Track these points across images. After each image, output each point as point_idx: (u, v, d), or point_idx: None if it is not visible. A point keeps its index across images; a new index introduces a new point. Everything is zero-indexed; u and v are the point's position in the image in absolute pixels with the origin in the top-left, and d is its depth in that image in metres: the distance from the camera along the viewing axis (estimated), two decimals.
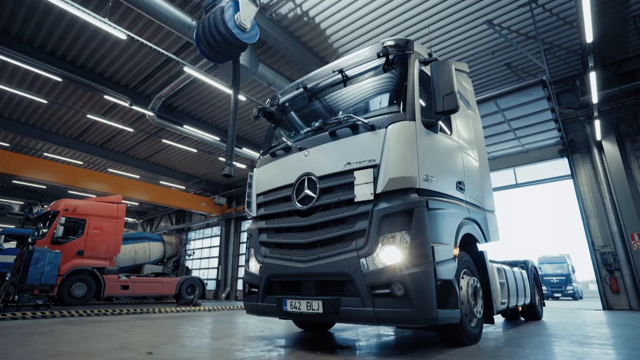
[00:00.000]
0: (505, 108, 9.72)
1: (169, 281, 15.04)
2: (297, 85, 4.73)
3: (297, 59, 10.54)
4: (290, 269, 3.82)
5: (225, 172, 7.47)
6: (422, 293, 3.09)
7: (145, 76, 12.32)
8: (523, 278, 6.50)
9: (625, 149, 11.02)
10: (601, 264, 10.96)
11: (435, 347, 3.74)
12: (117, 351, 3.42)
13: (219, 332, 5.05)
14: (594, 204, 11.39)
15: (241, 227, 23.15)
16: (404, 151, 3.46)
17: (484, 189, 4.86)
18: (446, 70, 3.60)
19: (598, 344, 3.94)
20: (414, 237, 3.22)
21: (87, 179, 17.65)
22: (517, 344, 4.04)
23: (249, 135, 16.76)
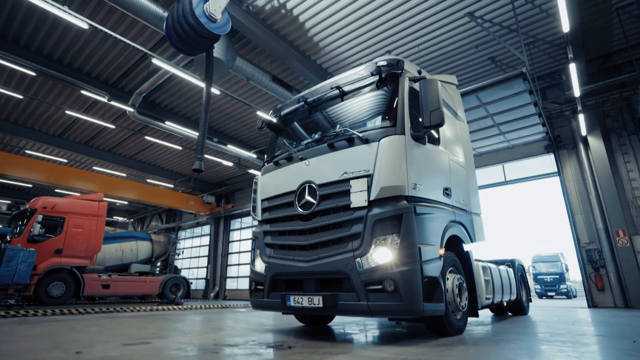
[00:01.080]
0: (487, 102, 9.53)
1: (152, 280, 14.82)
2: (298, 99, 5.14)
3: (277, 53, 10.33)
4: (293, 268, 4.23)
5: (195, 167, 7.22)
6: (410, 288, 3.50)
7: (124, 71, 12.10)
8: (509, 276, 6.90)
9: (612, 145, 10.86)
10: (587, 261, 10.80)
11: (423, 337, 4.14)
12: (46, 351, 3.21)
13: (174, 331, 4.84)
14: (580, 201, 11.23)
15: (230, 226, 22.93)
16: (394, 162, 3.87)
17: (470, 193, 5.28)
18: (433, 88, 4.02)
19: (560, 341, 3.76)
20: (403, 239, 3.64)
21: (74, 177, 17.39)
22: (497, 335, 4.52)
23: (234, 132, 16.53)
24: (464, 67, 11.44)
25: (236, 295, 20.86)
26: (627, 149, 10.62)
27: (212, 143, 15.07)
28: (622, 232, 10.11)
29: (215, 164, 19.54)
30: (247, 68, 10.04)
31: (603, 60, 10.99)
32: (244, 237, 21.98)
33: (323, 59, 11.24)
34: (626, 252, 9.95)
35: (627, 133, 10.74)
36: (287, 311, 4.46)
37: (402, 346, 3.62)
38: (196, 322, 6.23)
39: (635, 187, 10.31)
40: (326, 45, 10.63)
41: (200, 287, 23.56)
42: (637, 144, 10.55)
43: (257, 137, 16.85)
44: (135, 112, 12.58)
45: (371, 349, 3.48)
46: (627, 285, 9.79)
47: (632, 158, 10.50)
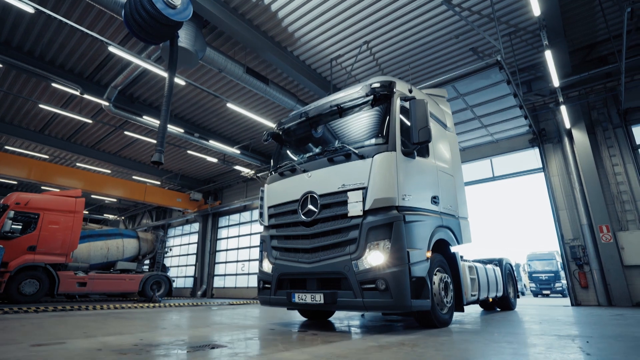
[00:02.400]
0: (466, 93, 9.21)
1: (132, 278, 14.56)
2: (300, 114, 5.60)
3: (250, 44, 10.01)
4: (297, 269, 4.72)
5: (155, 159, 6.97)
6: (399, 287, 3.97)
7: (98, 64, 11.81)
8: (495, 274, 7.40)
9: (597, 138, 10.54)
10: (570, 258, 10.50)
11: (412, 329, 4.62)
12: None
13: (112, 330, 4.56)
14: (565, 196, 10.92)
15: (218, 223, 22.67)
16: (386, 177, 4.33)
17: (458, 200, 5.75)
18: (421, 108, 4.48)
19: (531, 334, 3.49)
20: (393, 244, 4.11)
21: (59, 174, 17.16)
22: (480, 327, 4.94)
23: (216, 127, 16.23)
24: (445, 59, 11.13)
25: (223, 294, 20.62)
26: (613, 142, 10.29)
27: (193, 138, 14.79)
28: (606, 228, 9.80)
29: (199, 160, 19.27)
30: (218, 59, 9.73)
31: (587, 51, 10.65)
32: (231, 235, 21.72)
33: (300, 50, 10.93)
34: (609, 249, 9.64)
35: (613, 126, 10.41)
36: (292, 307, 4.95)
37: (392, 335, 4.10)
38: (151, 320, 5.95)
39: (620, 182, 9.99)
40: (302, 36, 10.32)
41: (189, 285, 23.33)
42: (623, 137, 10.23)
43: (240, 132, 16.56)
44: (111, 106, 12.30)
45: (365, 338, 3.97)
46: (610, 283, 9.49)
47: (617, 152, 10.18)
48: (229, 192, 22.34)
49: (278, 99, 11.36)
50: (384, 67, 11.59)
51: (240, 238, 21.01)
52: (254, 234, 20.18)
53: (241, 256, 20.53)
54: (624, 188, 9.91)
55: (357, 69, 11.71)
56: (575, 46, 10.59)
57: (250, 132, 16.45)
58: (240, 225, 21.27)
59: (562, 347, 3.15)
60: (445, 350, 3.07)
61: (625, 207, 9.79)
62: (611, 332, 4.11)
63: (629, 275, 9.41)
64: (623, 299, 9.20)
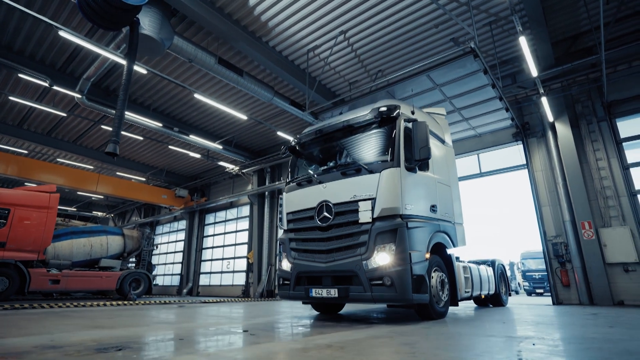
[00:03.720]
0: (443, 84, 8.86)
1: (109, 275, 14.25)
2: (315, 131, 6.29)
3: (223, 34, 9.66)
4: (314, 268, 5.40)
5: (108, 150, 6.66)
6: (402, 283, 4.65)
7: (68, 55, 11.46)
8: (488, 274, 8.14)
9: (581, 132, 10.20)
10: (553, 255, 10.17)
11: (413, 320, 5.35)
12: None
13: (27, 331, 4.24)
14: (548, 191, 10.59)
15: (205, 221, 22.34)
16: (392, 190, 5.01)
17: (454, 207, 6.49)
18: (422, 129, 5.24)
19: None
20: (397, 247, 4.78)
21: (41, 170, 16.83)
22: (470, 319, 5.68)
23: (197, 122, 15.87)
24: (426, 49, 10.77)
25: (209, 292, 20.30)
26: (597, 136, 9.96)
27: (173, 133, 14.44)
28: (588, 224, 9.47)
29: (183, 156, 18.93)
30: (188, 49, 9.37)
31: (571, 43, 10.30)
32: (217, 232, 21.40)
33: (275, 41, 10.58)
34: (591, 246, 9.32)
35: (597, 119, 10.07)
36: (309, 301, 5.95)
37: (395, 325, 4.75)
38: (92, 319, 5.62)
39: (603, 177, 9.66)
40: (276, 26, 9.97)
41: (176, 283, 23.02)
42: (607, 130, 9.89)
43: (223, 126, 16.21)
44: (84, 99, 11.94)
45: (371, 327, 4.63)
46: (592, 281, 9.18)
47: (601, 146, 9.85)
48: (216, 189, 22.01)
49: (254, 91, 11.01)
50: (363, 58, 11.24)
51: (226, 235, 20.69)
52: (239, 231, 19.86)
53: (227, 254, 20.22)
54: (607, 183, 9.58)
55: (336, 60, 11.37)
56: (558, 37, 10.24)
57: (233, 126, 16.10)
58: (226, 223, 20.95)
59: (501, 350, 2.82)
60: (431, 335, 3.77)
61: (609, 203, 9.47)
62: (569, 334, 3.79)
63: (611, 273, 9.09)
64: (604, 297, 8.89)
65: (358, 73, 11.95)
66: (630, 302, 8.74)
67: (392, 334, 3.82)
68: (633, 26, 9.67)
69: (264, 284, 16.53)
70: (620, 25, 9.67)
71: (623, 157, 9.65)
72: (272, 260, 17.05)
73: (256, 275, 16.97)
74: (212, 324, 4.93)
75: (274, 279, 16.87)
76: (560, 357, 2.58)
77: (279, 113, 14.59)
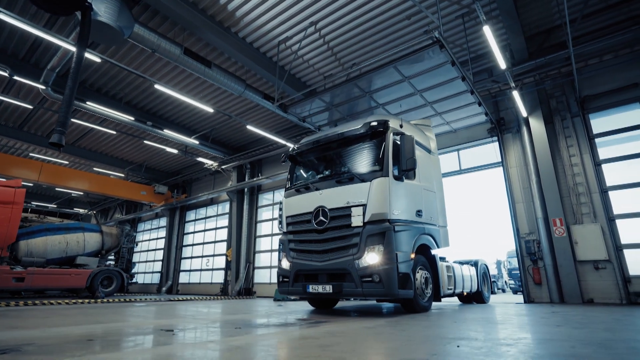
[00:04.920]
0: (411, 76, 8.62)
1: (78, 273, 13.85)
2: (312, 142, 6.82)
3: (188, 24, 9.32)
4: (311, 266, 5.95)
5: (53, 140, 6.32)
6: (389, 280, 5.20)
7: (30, 44, 11.04)
8: (470, 273, 8.67)
9: (555, 127, 10.04)
10: (525, 253, 10.01)
11: (399, 313, 5.94)
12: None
13: None
14: (522, 188, 10.42)
15: (186, 218, 21.97)
16: (381, 197, 5.55)
17: (439, 211, 7.10)
18: (409, 142, 5.81)
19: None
20: (385, 248, 5.33)
21: (13, 166, 16.32)
22: (450, 313, 6.22)
23: (172, 116, 15.50)
24: (400, 42, 10.50)
25: (188, 290, 19.97)
26: (570, 132, 9.80)
27: (146, 127, 14.07)
28: (560, 221, 9.32)
29: (161, 152, 18.52)
30: (150, 38, 9.02)
31: (544, 37, 10.12)
32: (198, 229, 21.05)
33: (245, 32, 10.27)
34: (562, 243, 9.17)
35: (571, 115, 9.91)
36: (306, 296, 6.29)
37: (382, 318, 5.27)
38: (23, 319, 5.31)
39: (576, 173, 9.51)
40: (244, 15, 9.65)
41: (156, 281, 22.64)
42: (581, 126, 9.73)
43: (199, 121, 15.86)
44: (49, 90, 11.53)
45: (362, 319, 5.16)
46: (562, 279, 9.03)
47: (575, 142, 9.69)
48: (197, 186, 21.64)
49: (224, 83, 10.68)
50: (336, 51, 10.97)
51: (206, 233, 20.35)
52: (219, 228, 19.54)
53: (207, 251, 19.89)
54: (580, 180, 9.43)
55: (309, 53, 11.08)
56: (532, 31, 10.05)
57: (209, 121, 15.76)
58: (207, 220, 20.60)
59: (416, 352, 2.58)
60: (412, 323, 4.49)
61: (581, 200, 9.32)
62: (507, 335, 3.57)
63: (582, 271, 8.95)
64: (574, 295, 8.75)
65: (333, 66, 11.68)
66: (600, 300, 8.60)
67: (381, 324, 4.54)
68: (605, 21, 9.51)
69: (241, 281, 16.25)
70: (594, 20, 9.50)
71: (595, 153, 9.50)
72: (250, 257, 16.77)
73: (234, 273, 16.68)
74: (147, 324, 4.65)
75: (252, 277, 16.60)
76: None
77: (253, 107, 14.28)
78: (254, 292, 16.29)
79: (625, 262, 8.59)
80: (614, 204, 9.06)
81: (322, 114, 10.95)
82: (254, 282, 16.52)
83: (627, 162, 9.10)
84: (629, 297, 8.25)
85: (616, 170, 9.23)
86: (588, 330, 3.69)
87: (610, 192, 9.16)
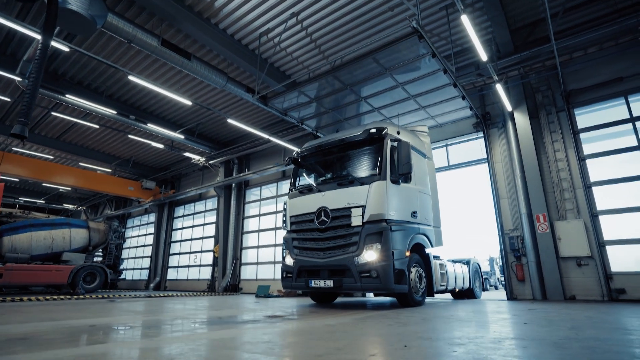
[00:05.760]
0: (391, 68, 8.42)
1: (59, 269, 13.66)
2: (315, 146, 7.32)
3: (166, 14, 9.08)
4: (313, 263, 6.38)
5: (15, 132, 6.11)
6: (386, 275, 5.65)
7: (6, 35, 10.75)
8: (462, 271, 9.06)
9: (540, 122, 9.89)
10: (509, 249, 9.88)
11: (395, 307, 6.41)
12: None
13: None
14: (507, 184, 10.28)
15: (174, 213, 21.74)
16: (379, 199, 5.97)
17: (433, 213, 7.57)
18: (405, 148, 6.23)
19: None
20: (382, 246, 5.77)
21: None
22: (443, 306, 6.77)
23: (156, 110, 15.23)
24: (385, 34, 10.22)
25: (176, 286, 19.78)
26: (555, 127, 9.65)
27: (129, 121, 13.81)
28: (543, 217, 9.20)
29: (148, 147, 18.24)
30: (125, 28, 8.75)
31: (530, 30, 9.93)
32: (186, 225, 20.83)
33: (225, 23, 10.03)
34: (545, 239, 9.05)
35: (557, 109, 9.76)
36: (309, 290, 6.62)
37: (377, 310, 5.76)
38: None
39: (561, 169, 9.37)
40: (223, 6, 9.41)
41: (145, 278, 22.43)
42: (566, 121, 9.58)
43: (184, 115, 15.60)
44: (25, 82, 11.23)
45: (359, 311, 5.65)
46: (545, 276, 8.91)
47: (560, 137, 9.55)
48: (186, 181, 21.40)
49: (205, 76, 10.43)
50: (320, 43, 10.74)
51: (194, 228, 20.14)
52: (207, 224, 19.33)
53: (195, 247, 19.69)
54: (564, 175, 9.29)
55: (292, 45, 10.85)
56: (518, 24, 9.86)
57: (194, 115, 15.51)
58: (195, 216, 20.39)
59: (353, 354, 2.42)
60: (402, 314, 4.94)
61: (565, 196, 9.19)
62: (463, 333, 3.41)
63: (564, 268, 8.84)
64: (556, 292, 8.63)
65: (317, 59, 11.45)
66: (582, 297, 8.49)
67: (378, 315, 5.07)
68: (590, 14, 9.33)
69: (228, 278, 16.08)
70: (579, 12, 9.32)
71: (580, 148, 9.36)
72: (237, 254, 16.59)
73: (221, 269, 16.50)
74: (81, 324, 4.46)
75: (239, 273, 16.43)
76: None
77: (237, 101, 14.04)
78: (241, 288, 16.13)
79: (608, 258, 8.48)
80: (597, 199, 8.93)
81: (307, 109, 10.71)
82: (241, 279, 16.35)
83: (610, 157, 8.98)
84: (610, 293, 8.14)
85: (600, 165, 9.10)
86: (551, 329, 3.54)
87: (594, 188, 9.03)
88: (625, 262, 8.24)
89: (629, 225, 8.41)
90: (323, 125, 11.51)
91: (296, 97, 10.10)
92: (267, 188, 16.76)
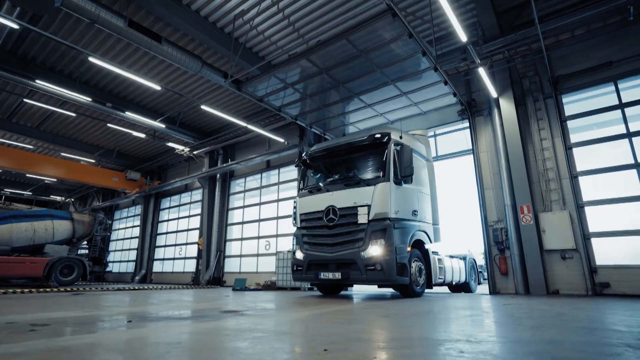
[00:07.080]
0: (368, 50, 7.93)
1: (34, 261, 13.26)
2: (323, 149, 7.89)
3: (154, 7, 8.63)
4: (322, 257, 6.96)
5: None
6: (389, 268, 6.26)
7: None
8: (459, 266, 9.31)
9: (527, 109, 9.47)
10: (493, 242, 9.52)
11: (397, 298, 7.06)
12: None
13: None
14: (492, 174, 9.89)
15: (161, 205, 21.34)
16: (383, 199, 6.59)
17: (432, 211, 8.11)
18: (407, 152, 6.89)
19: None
20: (386, 242, 6.37)
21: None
22: (441, 298, 7.30)
23: (135, 97, 14.73)
24: (367, 16, 9.79)
25: (162, 278, 19.46)
26: (542, 114, 9.23)
27: (105, 108, 13.33)
28: (527, 208, 8.82)
29: (130, 136, 17.76)
30: (87, 7, 8.25)
31: (516, 13, 9.44)
32: (172, 217, 20.44)
33: (198, 4, 9.55)
34: (529, 231, 8.68)
35: (544, 96, 9.33)
36: (318, 282, 7.32)
37: (380, 300, 6.34)
38: None
39: (547, 158, 8.98)
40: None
41: (131, 270, 22.10)
42: (553, 108, 9.16)
43: (165, 104, 15.11)
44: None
45: (362, 302, 6.19)
46: (528, 269, 8.55)
47: (547, 124, 9.13)
48: (173, 172, 20.97)
49: (178, 59, 9.94)
50: (298, 26, 10.26)
51: (180, 220, 19.76)
52: (192, 216, 18.94)
53: (180, 239, 19.33)
54: (550, 165, 8.90)
55: (269, 29, 10.37)
56: (504, 6, 9.38)
57: (176, 104, 15.02)
58: (181, 207, 19.99)
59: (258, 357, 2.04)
60: (401, 304, 5.52)
61: (550, 186, 8.80)
62: (421, 333, 3.03)
63: (549, 261, 8.48)
64: (539, 287, 8.30)
65: (294, 40, 10.89)
66: (566, 291, 8.15)
67: (383, 304, 5.63)
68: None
69: (211, 270, 15.74)
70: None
71: (567, 136, 8.95)
72: (221, 246, 16.23)
73: (205, 261, 16.15)
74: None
75: (223, 266, 16.09)
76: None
77: (217, 89, 13.56)
78: (224, 281, 15.80)
79: (593, 251, 8.12)
80: (583, 190, 8.55)
81: (288, 97, 10.18)
82: (225, 272, 16.02)
83: (597, 145, 8.58)
84: (595, 287, 7.80)
85: (587, 154, 8.71)
86: (510, 328, 3.17)
87: (580, 178, 8.64)
88: (610, 255, 7.89)
89: (614, 217, 8.04)
90: (303, 112, 11.03)
91: (274, 85, 9.62)
92: (253, 179, 16.35)
